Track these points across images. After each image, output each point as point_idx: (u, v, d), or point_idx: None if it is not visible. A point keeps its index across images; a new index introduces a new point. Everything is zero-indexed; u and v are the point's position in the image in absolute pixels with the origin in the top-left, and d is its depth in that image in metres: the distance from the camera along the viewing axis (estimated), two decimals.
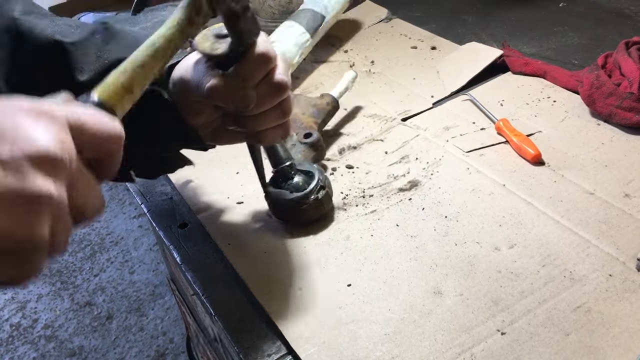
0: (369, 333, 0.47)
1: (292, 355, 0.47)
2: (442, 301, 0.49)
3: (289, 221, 0.59)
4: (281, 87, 0.45)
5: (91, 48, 0.47)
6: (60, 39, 0.46)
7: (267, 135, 0.48)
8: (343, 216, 0.60)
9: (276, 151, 0.58)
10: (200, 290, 0.54)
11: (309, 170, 0.59)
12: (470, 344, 0.45)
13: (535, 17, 0.97)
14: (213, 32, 0.44)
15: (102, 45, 0.47)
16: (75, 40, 0.47)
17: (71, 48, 0.46)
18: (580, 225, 0.54)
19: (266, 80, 0.44)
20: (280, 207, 0.58)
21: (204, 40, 0.43)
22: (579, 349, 0.43)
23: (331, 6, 0.88)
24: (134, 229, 1.97)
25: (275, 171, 0.59)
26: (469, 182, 0.62)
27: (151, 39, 0.38)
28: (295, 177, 0.58)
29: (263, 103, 0.45)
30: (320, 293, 0.51)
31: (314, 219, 0.59)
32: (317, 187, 0.57)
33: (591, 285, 0.48)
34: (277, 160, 0.58)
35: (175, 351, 1.58)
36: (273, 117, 0.46)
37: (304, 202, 0.56)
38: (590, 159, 0.63)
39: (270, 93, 0.45)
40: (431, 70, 0.84)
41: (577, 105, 0.72)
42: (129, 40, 0.47)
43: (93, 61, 0.46)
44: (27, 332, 1.67)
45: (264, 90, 0.44)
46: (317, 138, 0.65)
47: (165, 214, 0.64)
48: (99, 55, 0.47)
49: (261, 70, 0.44)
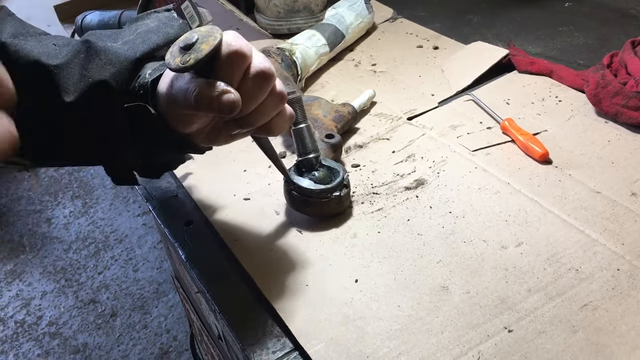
0: (376, 329, 0.47)
1: (299, 352, 0.47)
2: (449, 298, 0.49)
3: (305, 212, 0.59)
4: (266, 76, 0.44)
5: (75, 68, 0.47)
6: (46, 62, 0.47)
7: (275, 126, 0.47)
8: (350, 214, 0.60)
9: (305, 140, 0.57)
10: (205, 288, 0.55)
11: (332, 167, 0.59)
12: (478, 341, 0.45)
13: (541, 16, 0.97)
14: (179, 45, 0.43)
15: (85, 64, 0.47)
16: (60, 62, 0.47)
17: (56, 70, 0.47)
18: (586, 224, 0.55)
19: (249, 74, 0.43)
20: (301, 197, 0.57)
21: (173, 57, 0.43)
22: (586, 347, 0.44)
23: (352, 29, 0.91)
24: (138, 227, 1.98)
25: (300, 160, 0.58)
26: (475, 181, 0.62)
27: None
28: (319, 170, 0.58)
29: (255, 96, 0.44)
30: (327, 290, 0.51)
31: (330, 214, 0.59)
32: (342, 183, 0.57)
33: (598, 283, 0.49)
34: (305, 149, 0.58)
35: (179, 349, 1.59)
36: (271, 107, 0.46)
37: (327, 195, 0.56)
38: (596, 158, 0.63)
39: (259, 84, 0.44)
40: (436, 70, 0.84)
41: (584, 104, 0.72)
42: (110, 57, 0.47)
43: (77, 81, 0.46)
44: (32, 329, 1.68)
45: (251, 84, 0.43)
46: (339, 140, 0.66)
47: (170, 212, 0.65)
48: (83, 75, 0.47)
49: (240, 67, 0.43)
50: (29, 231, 2.01)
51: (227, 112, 0.42)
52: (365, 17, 0.94)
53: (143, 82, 0.47)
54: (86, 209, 2.08)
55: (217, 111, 0.42)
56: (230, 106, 0.42)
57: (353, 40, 0.94)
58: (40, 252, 1.92)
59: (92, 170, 2.26)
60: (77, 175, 2.25)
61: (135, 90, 0.47)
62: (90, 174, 2.24)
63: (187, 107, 0.43)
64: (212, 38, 0.42)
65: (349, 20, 0.91)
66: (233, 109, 0.42)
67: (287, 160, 0.69)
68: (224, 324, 0.53)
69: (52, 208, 2.10)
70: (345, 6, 0.93)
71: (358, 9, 0.93)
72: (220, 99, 0.42)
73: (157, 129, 0.47)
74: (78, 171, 2.27)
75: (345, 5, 0.93)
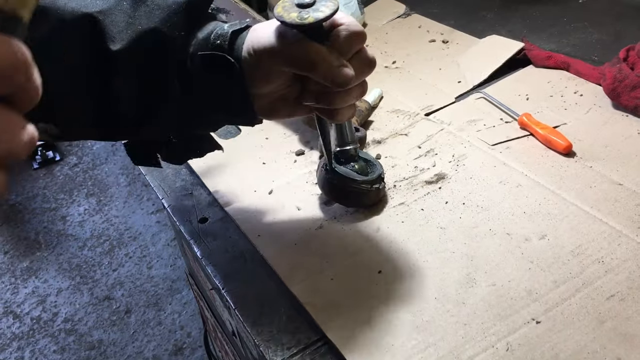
0: (403, 322, 0.48)
1: (327, 344, 0.48)
2: (475, 291, 0.49)
3: (343, 202, 0.60)
4: (372, 63, 0.45)
5: (119, 15, 0.45)
6: (86, 11, 0.44)
7: (343, 113, 0.47)
8: (372, 208, 0.60)
9: (345, 131, 0.58)
10: (220, 284, 0.55)
11: (369, 159, 0.60)
12: (506, 333, 0.46)
13: (555, 13, 0.97)
14: (294, 1, 0.43)
15: (131, 12, 0.45)
16: (102, 8, 0.45)
17: (99, 17, 0.44)
18: (610, 216, 0.55)
19: (358, 56, 0.45)
20: (340, 186, 0.58)
21: (287, 11, 0.42)
22: (614, 337, 0.44)
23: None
24: (151, 225, 1.99)
25: (340, 151, 0.58)
26: (496, 175, 0.62)
27: None
28: (358, 162, 0.59)
29: (355, 78, 0.44)
30: (352, 283, 0.52)
31: (366, 205, 0.60)
32: (381, 176, 0.58)
33: (624, 274, 0.49)
34: (344, 140, 0.58)
35: (192, 345, 1.60)
36: (355, 95, 0.46)
37: (368, 187, 0.57)
38: (617, 150, 0.63)
39: (362, 69, 0.45)
40: (452, 65, 0.85)
41: (602, 97, 0.72)
42: (158, 2, 0.45)
43: (124, 29, 0.44)
44: (48, 326, 1.70)
45: (357, 65, 0.44)
46: (364, 133, 0.67)
47: (184, 209, 0.65)
48: (130, 22, 0.44)
49: (356, 46, 0.44)
50: (44, 229, 2.03)
51: (339, 84, 0.43)
52: (359, 17, 0.94)
53: (222, 32, 0.45)
54: (101, 206, 2.10)
55: (329, 80, 0.43)
56: (345, 80, 0.43)
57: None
58: (56, 249, 1.94)
59: (106, 169, 2.27)
60: (91, 174, 2.27)
61: (211, 41, 0.45)
62: (105, 172, 2.26)
63: (299, 65, 0.44)
64: (332, 3, 0.43)
65: None
66: (346, 83, 0.43)
67: (306, 157, 0.70)
68: (238, 321, 0.54)
69: (67, 206, 2.12)
70: (340, 5, 0.93)
71: (352, 8, 0.93)
72: (339, 70, 0.43)
73: (229, 81, 0.45)
74: (93, 169, 2.29)
75: (340, 4, 0.93)
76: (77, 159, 2.36)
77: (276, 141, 0.73)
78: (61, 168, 2.32)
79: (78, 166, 2.32)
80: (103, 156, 2.33)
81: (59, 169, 2.31)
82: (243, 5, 1.01)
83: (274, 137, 0.74)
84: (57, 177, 2.27)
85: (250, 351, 0.72)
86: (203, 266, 0.59)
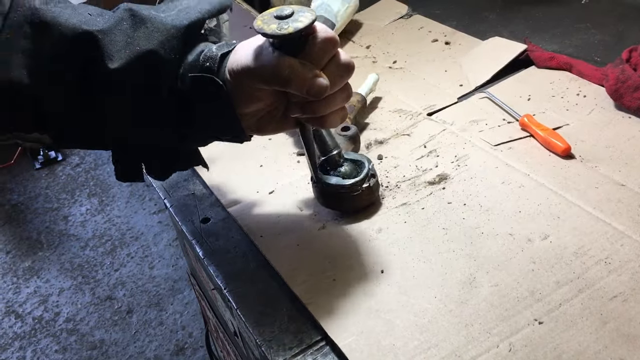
0: (406, 322, 0.48)
1: (329, 344, 0.48)
2: (478, 291, 0.49)
3: (339, 209, 0.60)
4: (349, 67, 0.46)
5: (119, 35, 0.46)
6: (87, 28, 0.45)
7: (332, 119, 0.48)
8: (374, 209, 0.60)
9: (324, 139, 0.58)
10: (222, 285, 0.55)
11: (356, 159, 0.60)
12: (508, 333, 0.46)
13: (558, 14, 0.97)
14: (273, 14, 0.44)
15: (130, 33, 0.46)
16: (103, 28, 0.46)
17: (99, 35, 0.45)
18: (613, 217, 0.55)
19: (334, 62, 0.45)
20: (332, 194, 0.58)
21: (267, 23, 0.43)
22: (617, 337, 0.44)
23: (340, 16, 0.92)
24: (153, 225, 1.99)
25: (324, 159, 0.59)
26: (498, 175, 0.62)
27: None
28: (344, 165, 0.59)
29: (333, 84, 0.45)
30: (354, 283, 0.52)
31: (363, 206, 0.59)
32: (369, 174, 0.58)
33: (627, 275, 0.49)
34: (325, 149, 0.58)
35: (194, 345, 1.60)
36: (340, 99, 0.47)
37: (357, 188, 0.57)
38: (619, 151, 0.63)
39: (340, 74, 0.45)
40: (454, 65, 0.85)
41: (605, 98, 0.72)
42: (157, 25, 0.46)
43: (122, 48, 0.45)
44: (49, 325, 1.70)
45: (334, 71, 0.45)
46: (355, 131, 0.66)
47: (187, 209, 0.65)
48: (129, 42, 0.45)
49: (330, 53, 0.45)
50: (46, 228, 2.03)
51: (315, 95, 0.44)
52: (352, 1, 0.94)
53: (210, 55, 0.46)
54: (102, 206, 2.10)
55: (305, 92, 0.43)
56: (320, 90, 0.43)
57: (343, 27, 0.94)
58: (58, 249, 1.95)
59: (108, 169, 2.28)
60: (93, 174, 2.27)
61: (200, 63, 0.46)
62: (107, 172, 2.26)
63: (273, 82, 0.44)
64: (309, 14, 0.43)
65: (336, 8, 0.91)
66: (321, 93, 0.44)
67: (304, 161, 0.70)
68: (240, 321, 0.54)
69: (69, 206, 2.13)
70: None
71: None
72: (313, 81, 0.43)
73: (216, 102, 0.46)
74: (95, 169, 2.30)
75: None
76: (79, 159, 2.36)
77: (279, 142, 0.73)
78: (63, 168, 2.32)
79: (80, 166, 2.32)
80: (105, 156, 2.33)
81: (61, 169, 2.32)
82: (245, 6, 1.01)
83: (276, 138, 0.74)
84: (59, 177, 2.28)
85: (252, 351, 0.72)
86: (205, 266, 0.59)
